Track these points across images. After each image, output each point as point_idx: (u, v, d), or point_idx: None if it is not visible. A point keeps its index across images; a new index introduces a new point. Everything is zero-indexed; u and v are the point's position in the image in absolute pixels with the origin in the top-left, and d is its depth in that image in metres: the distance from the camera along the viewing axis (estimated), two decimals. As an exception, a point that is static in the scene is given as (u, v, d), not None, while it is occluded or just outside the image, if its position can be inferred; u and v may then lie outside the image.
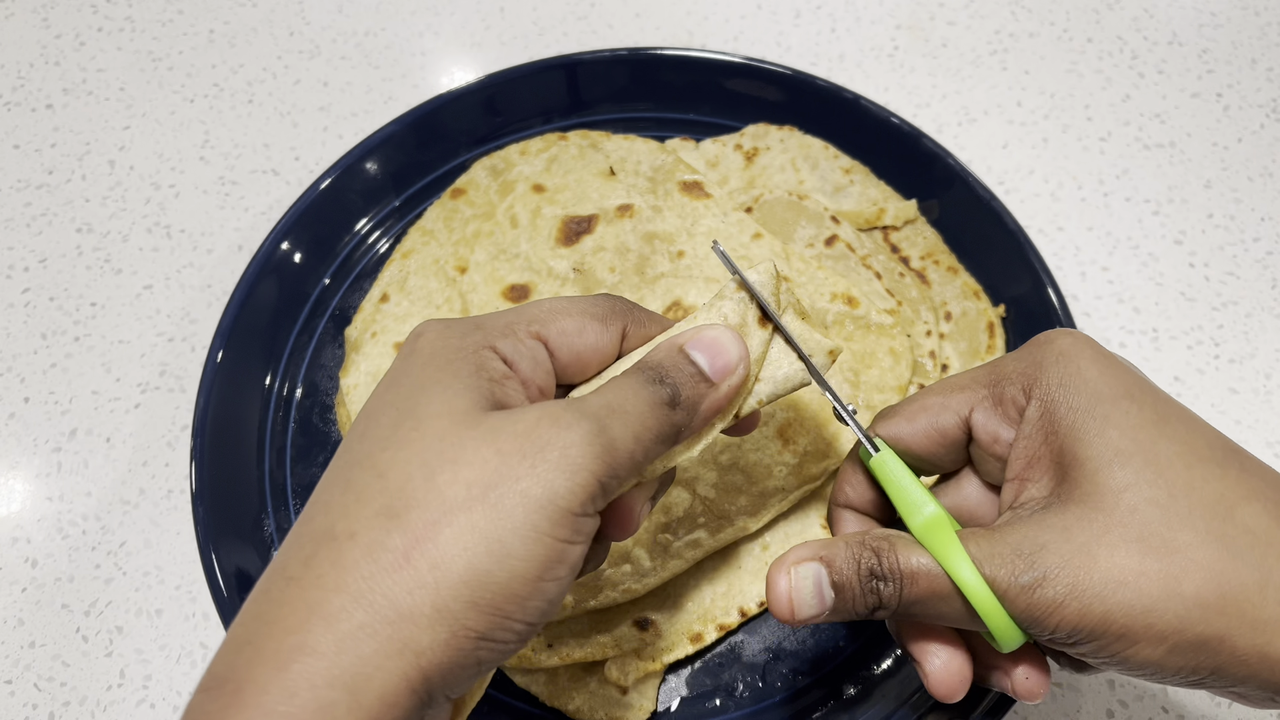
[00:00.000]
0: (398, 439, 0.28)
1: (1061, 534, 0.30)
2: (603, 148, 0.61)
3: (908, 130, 0.59)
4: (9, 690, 0.48)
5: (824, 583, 0.32)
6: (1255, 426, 0.56)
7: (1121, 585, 0.29)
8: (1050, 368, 0.33)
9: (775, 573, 0.33)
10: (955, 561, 0.31)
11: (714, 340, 0.33)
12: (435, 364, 0.30)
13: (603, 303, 0.34)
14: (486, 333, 0.32)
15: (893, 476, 0.36)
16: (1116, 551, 0.29)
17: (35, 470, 0.55)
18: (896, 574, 0.32)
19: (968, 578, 0.31)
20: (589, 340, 0.33)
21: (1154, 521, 0.30)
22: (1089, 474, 0.31)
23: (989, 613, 0.31)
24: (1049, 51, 0.72)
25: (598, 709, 0.45)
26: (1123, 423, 0.31)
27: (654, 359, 0.33)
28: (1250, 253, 0.62)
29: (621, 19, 0.73)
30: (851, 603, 0.33)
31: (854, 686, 0.47)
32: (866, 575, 0.32)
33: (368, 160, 0.59)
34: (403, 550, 0.26)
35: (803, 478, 0.49)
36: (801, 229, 0.58)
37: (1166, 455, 0.31)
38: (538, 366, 0.32)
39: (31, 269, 0.62)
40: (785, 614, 0.33)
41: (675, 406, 0.31)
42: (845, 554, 0.33)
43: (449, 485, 0.27)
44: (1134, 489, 0.30)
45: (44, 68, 0.71)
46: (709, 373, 0.33)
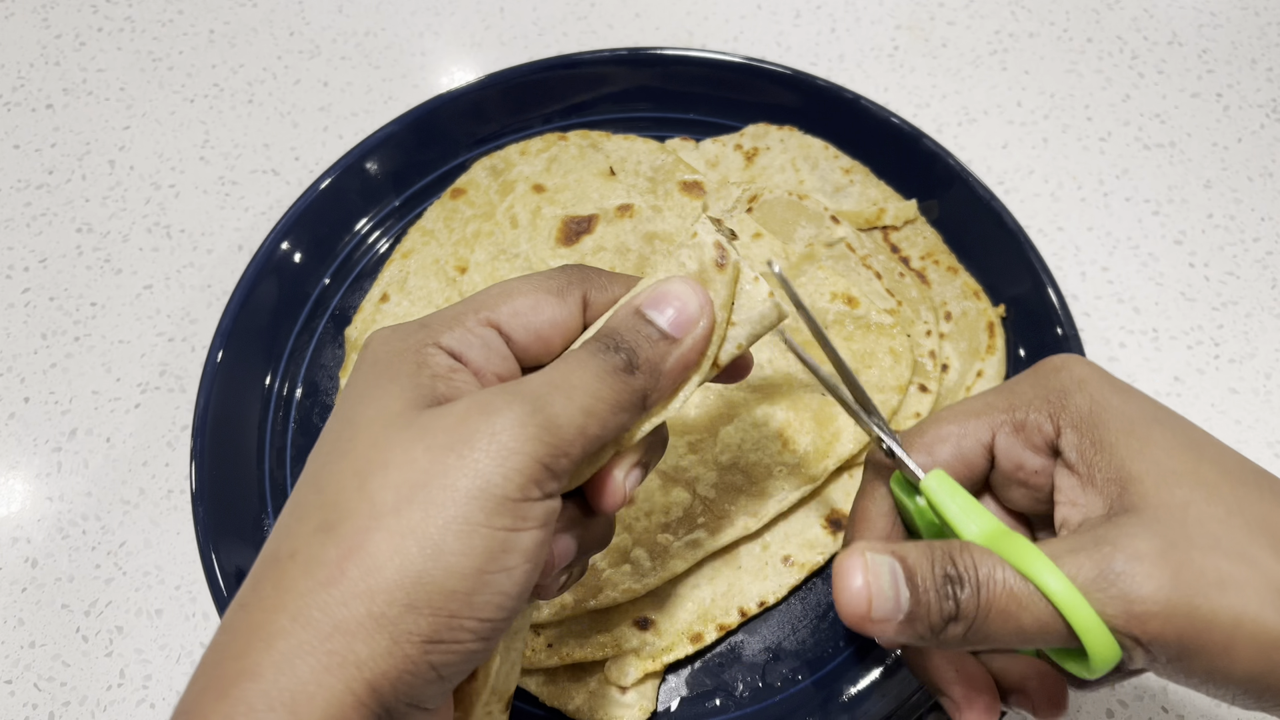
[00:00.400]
0: (337, 451, 0.28)
1: (1146, 528, 0.28)
2: (603, 148, 0.61)
3: (908, 130, 0.59)
4: (9, 690, 0.48)
5: (900, 579, 0.29)
6: (1255, 426, 0.56)
7: (1224, 587, 0.27)
8: (1075, 395, 0.33)
9: (848, 562, 0.29)
10: (1035, 565, 0.28)
11: (670, 293, 0.31)
12: (375, 370, 0.30)
13: (557, 275, 0.33)
14: (430, 329, 0.31)
15: (946, 496, 0.32)
16: (1209, 555, 0.27)
17: (35, 470, 0.55)
18: (974, 577, 0.29)
19: (1051, 581, 0.28)
20: (545, 316, 0.32)
21: (1224, 535, 0.28)
22: (1149, 489, 0.30)
23: (1079, 618, 0.27)
24: (1049, 51, 0.72)
25: (598, 709, 0.45)
26: (1164, 444, 0.31)
27: (608, 327, 0.31)
28: (1250, 253, 0.62)
29: (621, 19, 0.73)
30: (927, 609, 0.29)
31: (854, 686, 0.47)
32: (943, 578, 0.29)
33: (368, 160, 0.60)
34: (336, 562, 0.25)
35: (803, 478, 0.49)
36: (801, 229, 0.58)
37: (1211, 477, 0.30)
38: (491, 354, 0.31)
39: (31, 269, 0.62)
40: (860, 610, 0.29)
41: (633, 371, 0.30)
42: (917, 553, 0.29)
43: (379, 490, 0.26)
44: (1195, 505, 0.29)
45: (44, 68, 0.71)
46: (668, 329, 0.31)
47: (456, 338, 0.30)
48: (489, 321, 0.31)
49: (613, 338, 0.30)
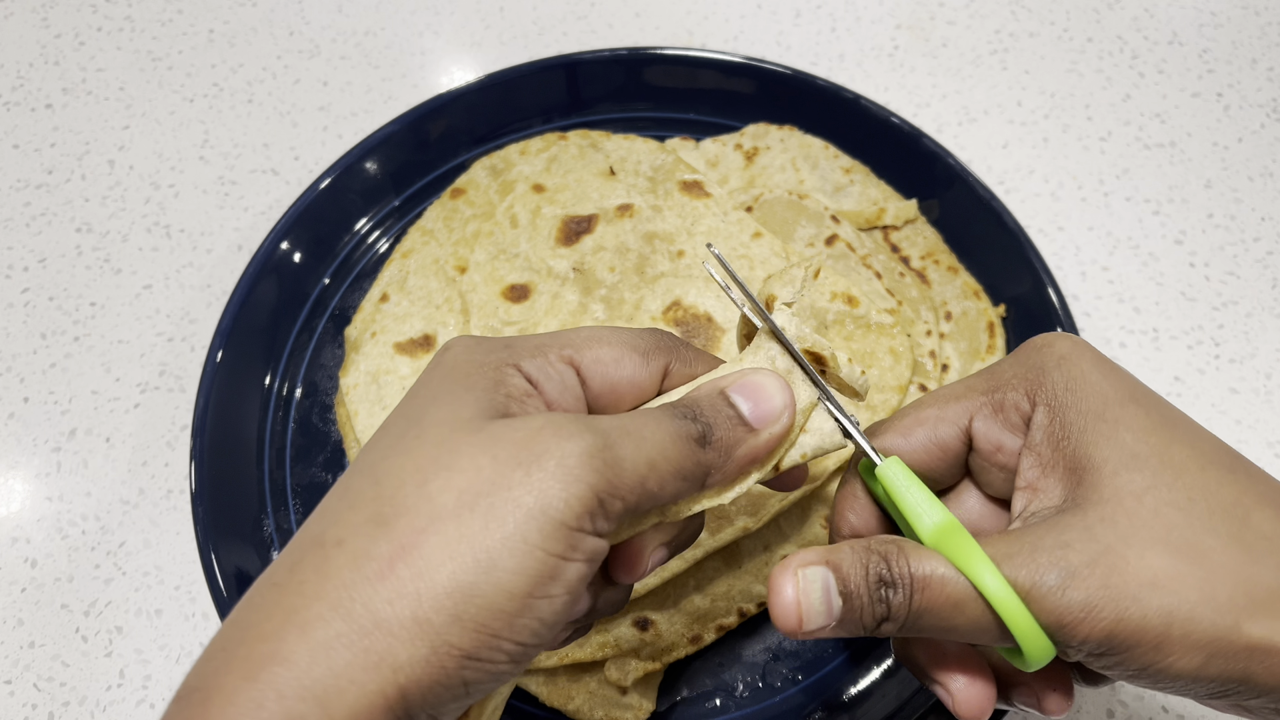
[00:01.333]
0: (400, 447, 0.28)
1: (1085, 533, 0.29)
2: (603, 147, 0.61)
3: (908, 130, 0.59)
4: (8, 690, 0.48)
5: (831, 590, 0.30)
6: (1255, 426, 0.56)
7: (1156, 588, 0.27)
8: (1053, 372, 0.32)
9: (780, 578, 0.30)
10: (975, 566, 0.29)
11: (758, 385, 0.31)
12: (453, 376, 0.29)
13: (647, 336, 0.33)
14: (514, 351, 0.30)
15: (900, 484, 0.33)
16: (1147, 553, 0.28)
17: (35, 470, 0.55)
18: (906, 580, 0.30)
19: (990, 582, 0.28)
20: (626, 372, 0.32)
21: (1178, 524, 0.28)
22: (1106, 477, 0.30)
23: (1016, 621, 0.28)
24: (1049, 51, 0.72)
25: (597, 709, 0.45)
26: (1133, 425, 0.30)
27: (690, 398, 0.31)
28: (1250, 252, 0.62)
29: (621, 19, 0.73)
30: (859, 613, 0.30)
31: (854, 686, 0.47)
32: (875, 582, 0.30)
33: (367, 160, 0.59)
34: (387, 558, 0.25)
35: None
36: (801, 228, 0.58)
37: (1180, 459, 0.30)
38: (566, 391, 0.31)
39: (31, 269, 0.62)
40: (792, 624, 0.30)
41: (705, 445, 0.30)
42: (852, 559, 0.30)
43: (440, 492, 0.26)
44: (1153, 491, 0.29)
45: (43, 67, 0.71)
46: (749, 418, 0.31)
47: (537, 366, 0.30)
48: (571, 361, 0.31)
49: (693, 409, 0.30)
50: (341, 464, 0.53)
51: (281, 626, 0.24)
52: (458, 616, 0.25)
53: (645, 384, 0.32)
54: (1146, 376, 0.58)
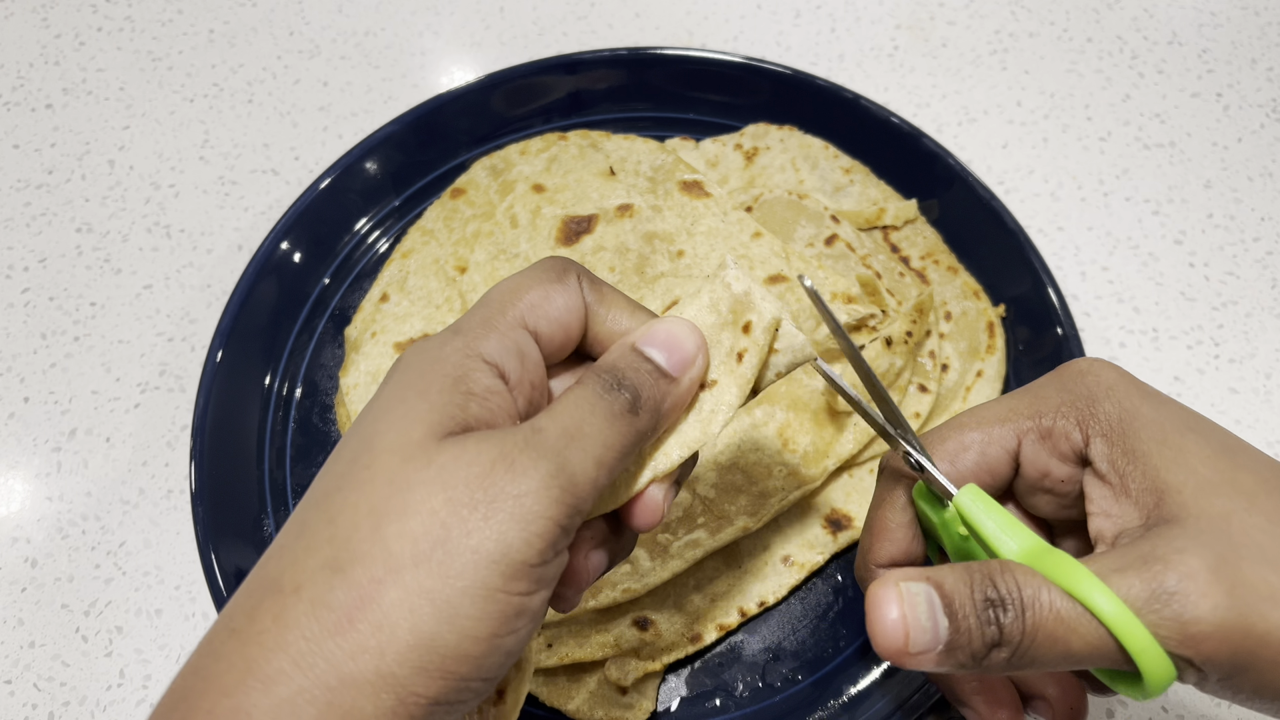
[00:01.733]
0: (351, 479, 0.27)
1: (1196, 540, 0.27)
2: (603, 147, 0.61)
3: (908, 130, 0.59)
4: (9, 690, 0.48)
5: (937, 608, 0.27)
6: (1255, 426, 0.56)
7: (1276, 601, 0.26)
8: (1104, 402, 0.32)
9: (881, 594, 0.28)
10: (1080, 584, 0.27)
11: (668, 334, 0.31)
12: (406, 380, 0.28)
13: (547, 265, 0.32)
14: (466, 337, 0.29)
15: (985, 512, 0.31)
16: (1259, 568, 0.26)
17: (35, 470, 0.55)
18: (1016, 599, 0.27)
19: (1100, 599, 0.26)
20: (559, 303, 0.31)
21: (1270, 545, 0.27)
22: (1188, 500, 0.29)
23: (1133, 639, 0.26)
24: (1049, 51, 0.72)
25: (597, 709, 0.45)
26: (1199, 453, 0.30)
27: (608, 361, 0.30)
28: (1250, 252, 0.62)
29: (621, 19, 0.73)
30: (968, 637, 0.27)
31: (854, 686, 0.47)
32: (983, 603, 0.27)
33: (367, 160, 0.59)
34: (346, 610, 0.24)
35: (803, 477, 0.49)
36: (801, 228, 0.58)
37: (1249, 485, 0.29)
38: (525, 359, 0.30)
39: (31, 269, 0.62)
40: (898, 645, 0.27)
41: (637, 412, 0.29)
42: (955, 577, 0.28)
43: (395, 539, 0.25)
44: (1236, 516, 0.28)
45: (44, 67, 0.71)
46: (667, 368, 0.30)
47: (495, 345, 0.29)
48: (517, 321, 0.30)
49: (615, 375, 0.30)
50: (341, 464, 0.53)
51: (243, 679, 0.24)
52: (422, 668, 0.24)
53: (578, 305, 0.31)
54: (1146, 376, 0.58)
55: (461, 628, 0.25)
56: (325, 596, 0.25)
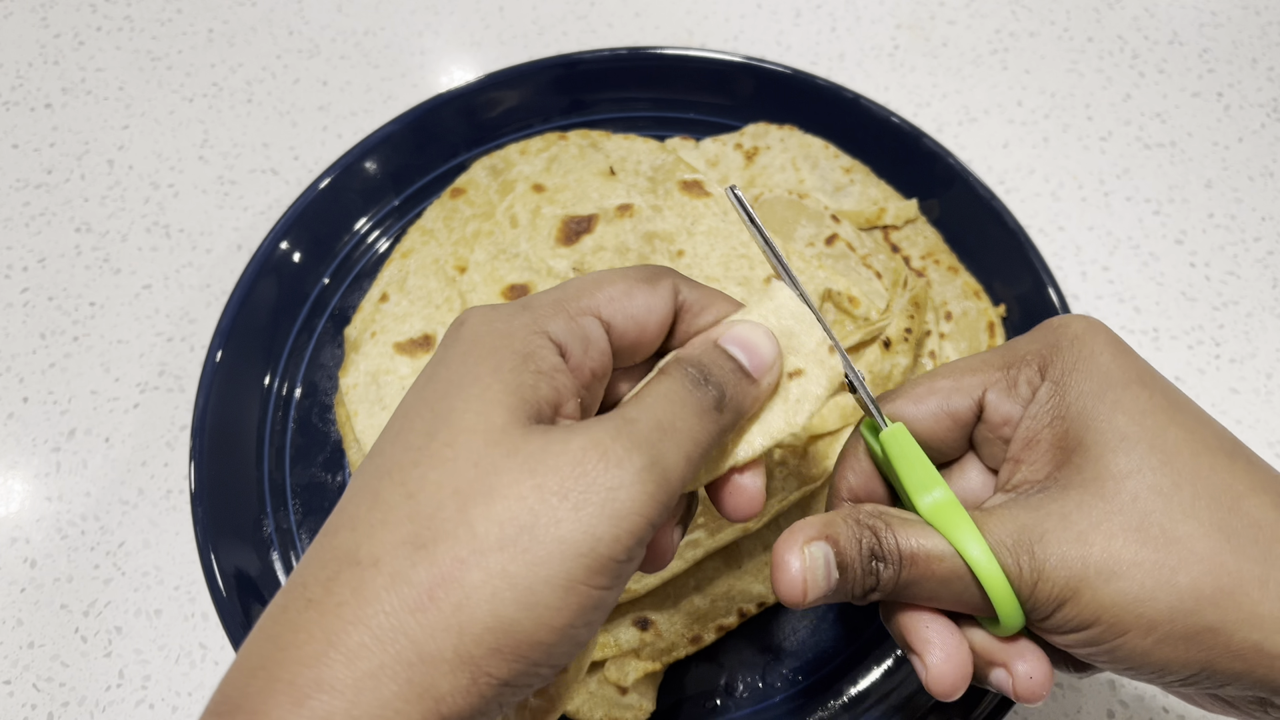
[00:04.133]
0: (430, 454, 0.27)
1: (1060, 521, 0.30)
2: (603, 147, 0.61)
3: (908, 130, 0.59)
4: (8, 690, 0.48)
5: (831, 564, 0.31)
6: (1256, 426, 0.56)
7: (1114, 575, 0.29)
8: (1065, 350, 0.33)
9: (786, 551, 0.31)
10: (963, 537, 0.31)
11: (749, 335, 0.31)
12: (476, 354, 0.28)
13: (643, 267, 0.33)
14: (535, 313, 0.29)
15: (904, 452, 0.33)
16: (1114, 540, 0.29)
17: (34, 470, 0.55)
18: (895, 555, 0.31)
19: (975, 552, 0.30)
20: (640, 301, 0.31)
21: (1155, 510, 0.29)
22: (1093, 459, 0.31)
23: (999, 594, 0.30)
24: (1049, 51, 0.72)
25: (597, 709, 0.45)
26: (1132, 408, 0.31)
27: (691, 355, 0.31)
28: (1251, 252, 0.62)
29: (621, 18, 0.73)
30: (851, 584, 0.31)
31: (854, 687, 0.47)
32: (867, 555, 0.31)
33: (367, 160, 0.59)
34: (427, 587, 0.25)
35: (802, 479, 0.49)
36: (802, 228, 0.58)
37: (1174, 442, 0.30)
38: (591, 347, 0.30)
39: (30, 269, 0.62)
40: (797, 595, 0.31)
41: (722, 409, 0.30)
42: (847, 532, 0.31)
43: (481, 520, 0.25)
44: (1137, 475, 0.30)
45: (43, 67, 0.71)
46: (749, 369, 0.31)
47: (562, 326, 0.29)
48: (590, 309, 0.30)
49: (701, 369, 0.30)
50: (341, 464, 0.53)
51: (324, 651, 0.24)
52: (498, 649, 0.25)
53: (662, 309, 0.32)
54: (1147, 376, 0.58)
55: (539, 616, 0.25)
56: (407, 572, 0.25)
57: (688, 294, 0.33)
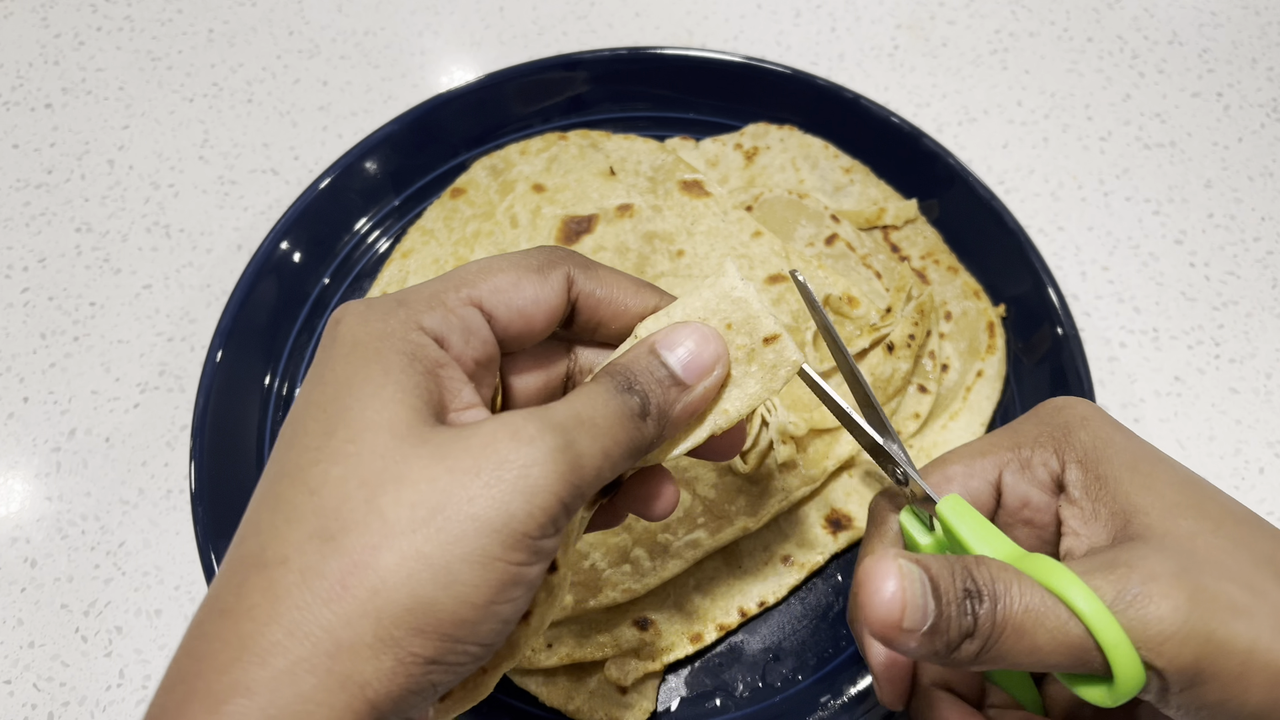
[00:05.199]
0: (330, 451, 0.26)
1: (1159, 551, 0.28)
2: (603, 147, 0.61)
3: (908, 130, 0.59)
4: (8, 690, 0.48)
5: (929, 590, 0.27)
6: (1256, 426, 0.56)
7: (1238, 613, 0.27)
8: (1078, 431, 0.33)
9: (881, 568, 0.27)
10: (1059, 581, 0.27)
11: (687, 338, 0.31)
12: (360, 355, 0.28)
13: (537, 253, 0.32)
14: (411, 309, 0.29)
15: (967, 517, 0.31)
16: (1221, 581, 0.27)
17: (34, 470, 0.55)
18: (990, 590, 0.28)
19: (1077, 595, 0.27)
20: (528, 293, 0.30)
21: (1232, 565, 0.28)
22: (1155, 520, 0.30)
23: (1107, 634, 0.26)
24: (1049, 51, 0.72)
25: (598, 709, 0.45)
26: (1167, 480, 0.31)
27: (624, 361, 0.30)
28: (1251, 252, 0.62)
29: (621, 18, 0.73)
30: (948, 623, 0.27)
31: (854, 687, 0.47)
32: (962, 593, 0.28)
33: (367, 160, 0.59)
34: (339, 577, 0.24)
35: (802, 479, 0.49)
36: (801, 228, 0.58)
37: (1214, 513, 0.30)
38: (472, 337, 0.30)
39: (31, 268, 0.62)
40: (894, 618, 0.27)
41: (645, 418, 0.29)
42: (939, 564, 0.28)
43: (391, 506, 0.25)
44: (1201, 537, 0.29)
45: (43, 67, 0.71)
46: (681, 375, 0.30)
47: (439, 319, 0.29)
48: (471, 300, 0.30)
49: (628, 377, 0.30)
50: (341, 464, 0.53)
51: (238, 655, 0.24)
52: (419, 629, 0.24)
53: (551, 300, 0.31)
54: (1146, 376, 0.58)
55: (458, 593, 0.25)
56: (317, 565, 0.24)
57: (585, 285, 0.32)
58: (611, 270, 0.33)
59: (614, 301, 0.33)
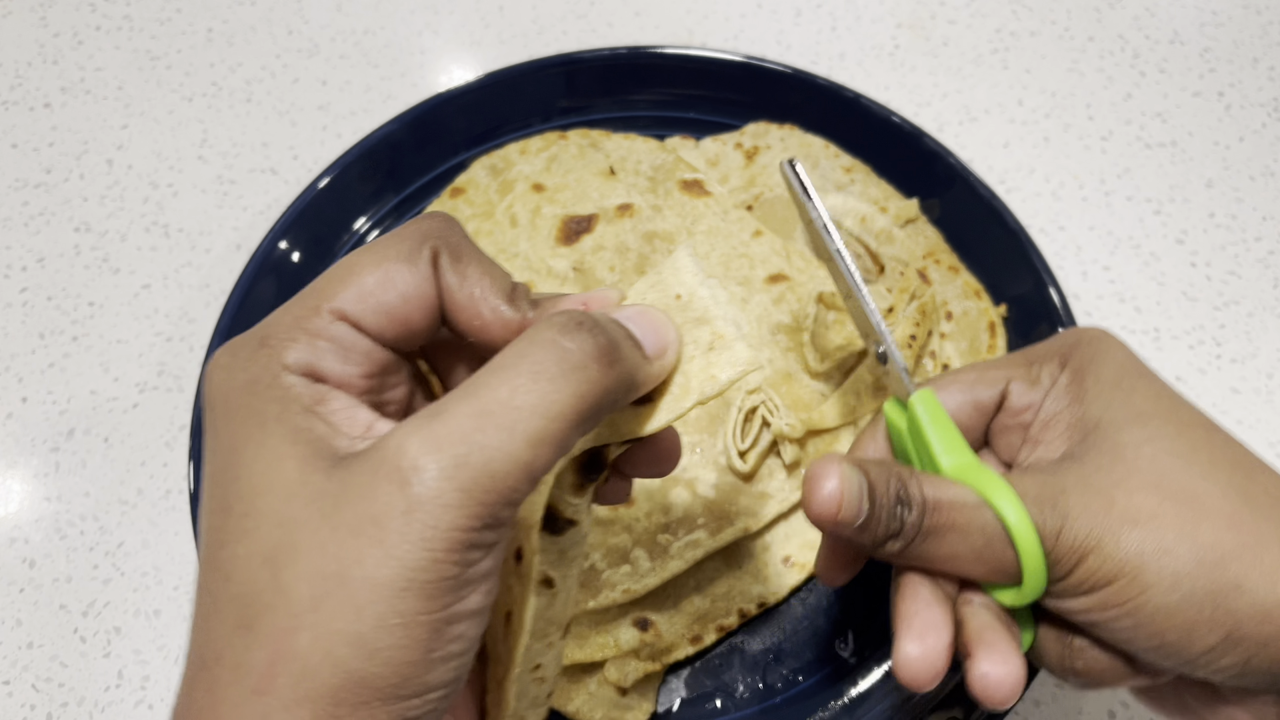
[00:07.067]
0: (231, 530, 0.24)
1: (1080, 480, 0.31)
2: (603, 147, 0.61)
3: (909, 129, 0.59)
4: (7, 691, 0.48)
5: (865, 492, 0.31)
6: (1257, 426, 0.56)
7: (1136, 525, 0.29)
8: (1084, 345, 0.35)
9: (824, 469, 0.31)
10: (993, 491, 0.31)
11: (648, 315, 0.28)
12: (234, 415, 0.25)
13: (410, 232, 0.27)
14: (272, 348, 0.26)
15: (932, 417, 0.34)
16: (1134, 495, 0.30)
17: (33, 470, 0.54)
18: (920, 501, 0.31)
19: (1006, 505, 0.30)
20: (398, 289, 0.26)
21: (1174, 470, 0.30)
22: (1110, 433, 0.32)
23: (1025, 544, 0.30)
24: (1050, 50, 0.72)
25: (597, 709, 0.45)
26: (1147, 391, 0.33)
27: (572, 313, 0.26)
28: (1252, 252, 0.62)
29: (621, 17, 0.73)
30: (874, 524, 0.31)
31: (854, 687, 0.46)
32: (893, 499, 0.31)
33: (366, 159, 0.59)
34: (264, 667, 0.23)
35: (803, 479, 0.49)
36: (802, 227, 0.58)
37: (1189, 418, 0.32)
38: (349, 354, 0.26)
39: (29, 268, 0.62)
40: (831, 509, 0.31)
41: (614, 362, 0.25)
42: (878, 472, 0.32)
43: (293, 583, 0.23)
44: (1154, 441, 0.31)
45: (42, 66, 0.71)
46: (641, 341, 0.27)
47: (303, 350, 0.26)
48: (334, 314, 0.26)
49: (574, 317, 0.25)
50: (340, 464, 0.53)
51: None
52: (361, 703, 0.23)
53: (422, 290, 0.27)
54: (1148, 376, 0.58)
55: (387, 658, 0.22)
56: (243, 658, 0.23)
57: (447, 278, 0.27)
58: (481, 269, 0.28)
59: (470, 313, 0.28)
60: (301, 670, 0.22)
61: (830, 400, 0.51)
